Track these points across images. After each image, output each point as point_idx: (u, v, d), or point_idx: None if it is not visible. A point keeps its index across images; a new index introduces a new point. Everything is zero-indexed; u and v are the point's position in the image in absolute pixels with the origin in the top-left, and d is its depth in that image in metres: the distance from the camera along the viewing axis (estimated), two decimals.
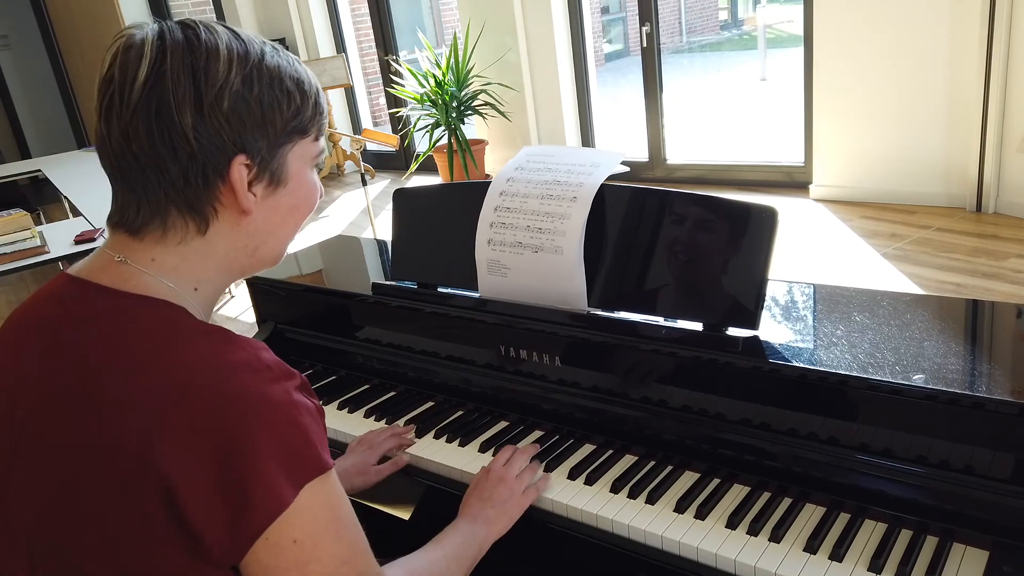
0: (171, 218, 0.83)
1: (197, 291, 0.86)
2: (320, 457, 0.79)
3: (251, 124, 0.82)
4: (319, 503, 0.78)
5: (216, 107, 0.79)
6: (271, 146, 0.84)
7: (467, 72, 5.79)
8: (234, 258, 0.88)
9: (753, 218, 1.19)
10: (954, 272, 3.52)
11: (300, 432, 0.77)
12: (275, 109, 0.83)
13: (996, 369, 1.08)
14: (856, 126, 4.44)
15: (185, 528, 0.74)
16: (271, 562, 0.76)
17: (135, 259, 0.83)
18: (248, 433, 0.74)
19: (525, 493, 1.20)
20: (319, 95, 0.89)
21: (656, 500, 1.17)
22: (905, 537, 1.04)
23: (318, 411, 0.82)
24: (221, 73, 0.79)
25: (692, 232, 1.25)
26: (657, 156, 5.50)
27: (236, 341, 0.81)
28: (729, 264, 1.21)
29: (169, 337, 0.79)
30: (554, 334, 1.35)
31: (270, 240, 0.90)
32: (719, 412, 1.21)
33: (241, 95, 0.80)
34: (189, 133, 0.79)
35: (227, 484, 0.73)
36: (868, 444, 1.09)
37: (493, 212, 1.38)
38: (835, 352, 1.15)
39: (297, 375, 0.82)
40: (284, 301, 1.81)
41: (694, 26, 14.59)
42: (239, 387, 0.75)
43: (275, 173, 0.86)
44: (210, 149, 0.80)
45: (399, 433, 1.41)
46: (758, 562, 1.03)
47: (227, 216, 0.85)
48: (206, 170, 0.81)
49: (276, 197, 0.87)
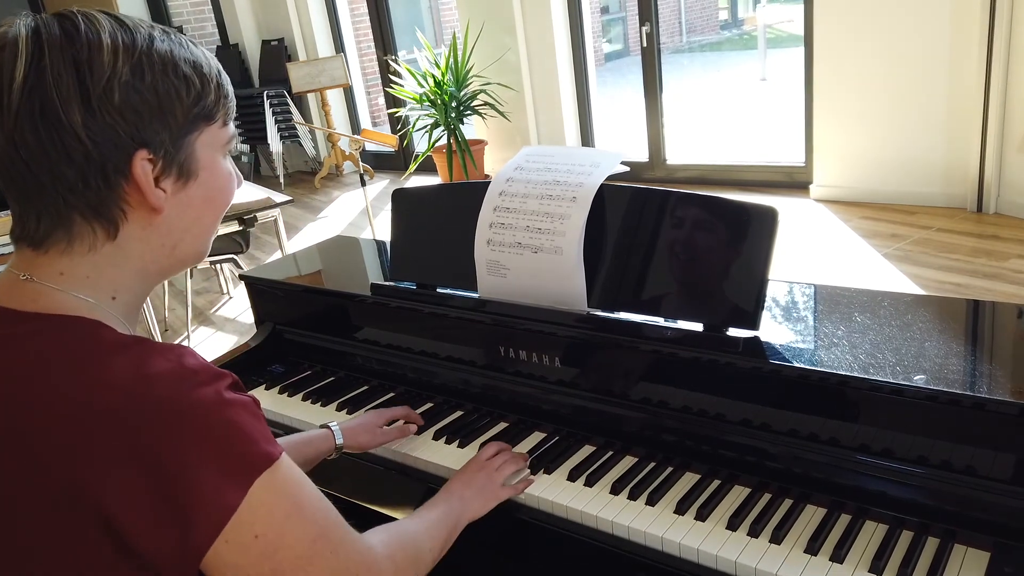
0: (75, 226, 0.78)
1: (115, 300, 0.82)
2: (263, 451, 0.76)
3: (148, 115, 0.76)
4: (274, 494, 0.76)
5: (106, 101, 0.74)
6: (174, 137, 0.79)
7: (466, 72, 5.79)
8: (152, 260, 0.83)
9: (753, 218, 1.18)
10: (955, 272, 3.52)
11: (237, 431, 0.75)
12: (173, 97, 0.78)
13: (997, 369, 1.08)
14: (856, 126, 4.44)
15: (132, 552, 0.72)
16: (238, 560, 0.74)
17: (41, 275, 0.78)
18: (177, 445, 0.71)
19: (504, 487, 1.22)
20: (221, 76, 0.84)
21: (656, 501, 1.16)
22: (906, 538, 1.03)
23: (254, 403, 0.79)
24: (107, 64, 0.74)
25: (692, 232, 1.25)
26: (657, 156, 5.49)
27: (158, 350, 0.76)
28: (729, 264, 1.20)
29: (85, 356, 0.75)
30: (554, 335, 1.34)
31: (188, 236, 0.85)
32: (719, 413, 1.21)
33: (132, 86, 0.75)
34: (80, 132, 0.73)
35: (165, 504, 0.71)
36: (869, 445, 1.09)
37: (492, 212, 1.38)
38: (836, 353, 1.14)
39: (227, 375, 0.78)
40: (283, 302, 1.81)
41: (694, 26, 14.60)
42: (164, 399, 0.72)
43: (183, 165, 0.81)
44: (106, 147, 0.75)
45: (406, 408, 1.45)
46: (759, 564, 1.03)
47: (137, 217, 0.80)
48: (105, 169, 0.76)
49: (188, 191, 0.82)
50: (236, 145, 0.88)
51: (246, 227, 3.50)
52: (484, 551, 1.32)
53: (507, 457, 1.27)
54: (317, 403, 1.60)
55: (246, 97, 7.06)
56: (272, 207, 3.52)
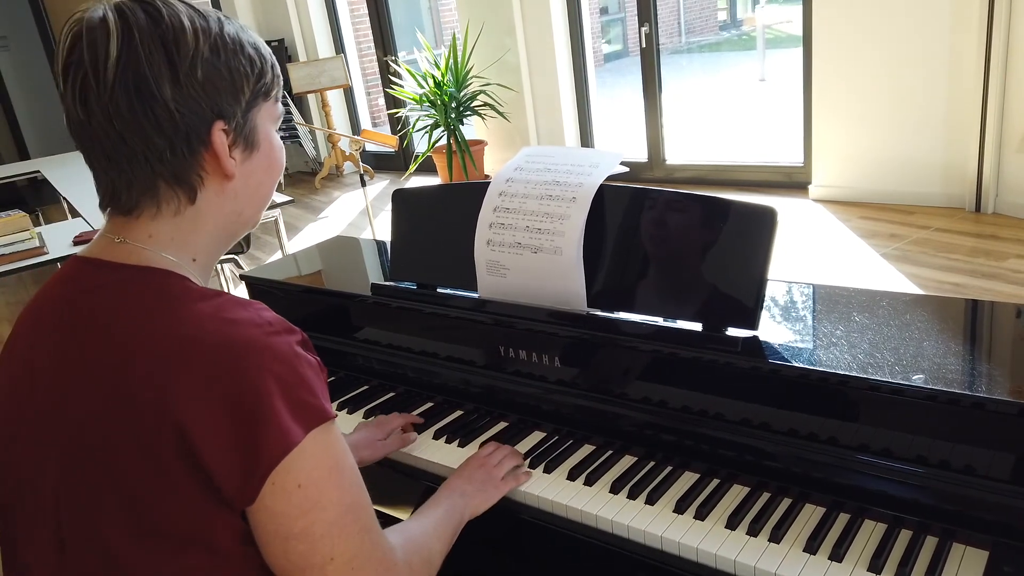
0: (161, 191, 0.86)
1: (195, 261, 0.90)
2: (323, 406, 0.82)
3: (224, 91, 0.85)
4: (323, 450, 0.81)
5: (192, 77, 0.82)
6: (243, 110, 0.88)
7: (466, 73, 5.79)
8: (223, 224, 0.92)
9: (752, 218, 1.19)
10: (953, 272, 3.52)
11: (303, 380, 0.81)
12: (242, 74, 0.86)
13: (996, 369, 1.08)
14: (855, 126, 4.44)
15: (201, 473, 0.78)
16: (278, 507, 0.79)
17: (133, 238, 0.87)
18: (257, 378, 0.78)
19: (504, 480, 1.23)
20: (274, 58, 0.92)
21: (656, 500, 1.17)
22: (905, 537, 1.04)
23: (320, 366, 0.85)
24: (191, 44, 0.82)
25: (691, 232, 1.25)
26: (656, 156, 5.50)
27: (239, 302, 0.85)
28: (728, 264, 1.21)
29: (175, 298, 0.83)
30: (553, 334, 1.35)
31: (252, 202, 0.94)
32: (719, 412, 1.21)
33: (212, 64, 0.83)
34: (170, 104, 0.81)
35: (239, 425, 0.77)
36: (868, 444, 1.09)
37: (492, 213, 1.38)
38: (835, 352, 1.14)
39: (299, 331, 0.85)
40: (283, 302, 1.81)
41: (693, 26, 14.60)
42: (245, 338, 0.79)
43: (248, 137, 0.89)
44: (191, 118, 0.83)
45: (403, 415, 1.45)
46: (758, 562, 1.03)
47: (212, 183, 0.88)
48: (190, 139, 0.84)
49: (253, 160, 0.91)
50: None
51: None
52: (484, 550, 1.32)
53: (506, 453, 1.28)
54: None
55: None
56: (273, 207, 3.53)
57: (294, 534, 0.80)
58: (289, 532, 0.80)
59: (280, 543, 0.81)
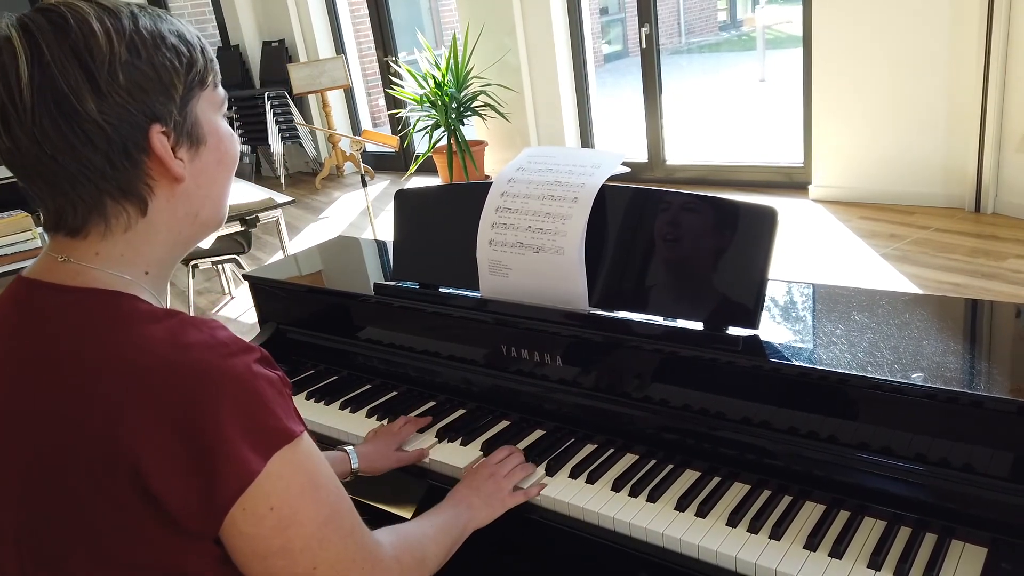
0: (108, 209, 0.81)
1: (148, 275, 0.85)
2: (285, 427, 0.78)
3: (152, 90, 0.79)
4: (292, 470, 0.78)
5: (114, 84, 0.76)
6: (179, 107, 0.82)
7: (466, 73, 5.80)
8: (179, 230, 0.87)
9: (753, 218, 1.20)
10: (953, 272, 3.53)
11: (261, 403, 0.77)
12: (169, 69, 0.80)
13: (995, 368, 1.09)
14: (855, 127, 4.45)
15: (157, 505, 0.75)
16: (252, 531, 0.77)
17: (78, 256, 0.82)
18: (209, 406, 0.74)
19: (512, 494, 1.21)
20: (202, 41, 0.86)
21: (657, 498, 1.18)
22: (904, 534, 1.04)
23: (281, 381, 0.81)
24: (104, 48, 0.76)
25: (692, 232, 1.26)
26: (656, 157, 5.50)
27: (192, 322, 0.80)
28: (729, 264, 1.21)
29: (124, 324, 0.79)
30: (555, 334, 1.36)
31: (208, 201, 0.88)
32: (720, 411, 1.22)
33: (133, 65, 0.77)
34: (97, 117, 0.76)
35: (193, 457, 0.74)
36: (867, 442, 1.10)
37: (494, 213, 1.39)
38: (834, 351, 1.15)
39: (257, 349, 0.81)
40: (285, 302, 1.82)
41: (693, 27, 14.60)
42: (198, 363, 0.75)
43: (191, 132, 0.84)
44: (123, 127, 0.78)
45: (414, 421, 1.45)
46: (758, 559, 1.04)
47: (161, 189, 0.83)
48: (128, 149, 0.79)
49: (201, 156, 0.86)
50: (224, 105, 0.91)
51: (248, 227, 3.52)
52: (486, 547, 1.33)
53: (517, 462, 1.27)
54: (320, 402, 1.61)
55: (247, 98, 7.07)
56: (273, 208, 3.53)
57: (272, 552, 0.78)
58: (267, 551, 0.78)
59: (259, 562, 0.78)
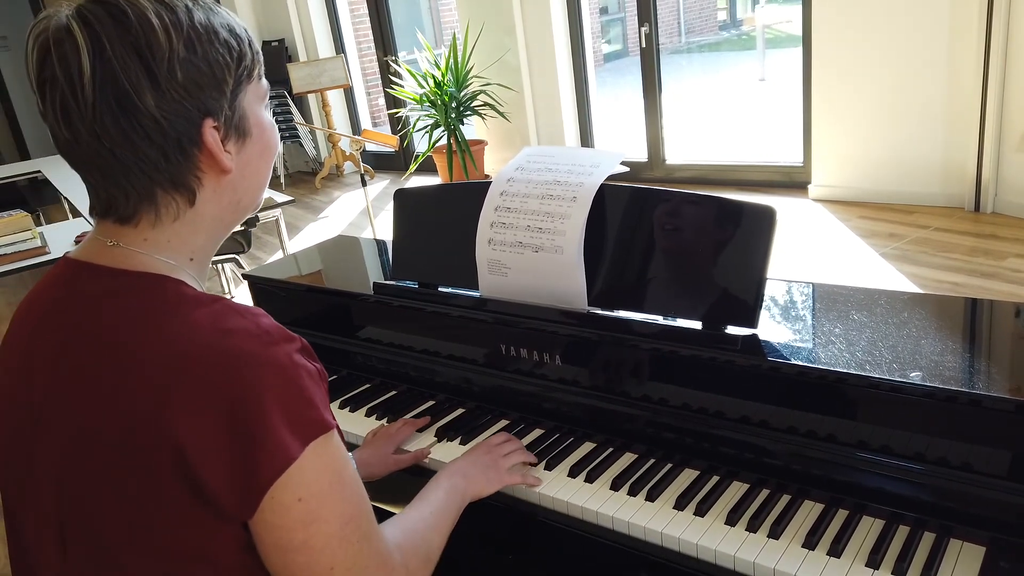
0: (160, 199, 0.83)
1: (193, 261, 0.88)
2: (323, 417, 0.80)
3: (207, 86, 0.81)
4: (323, 462, 0.80)
5: (172, 80, 0.78)
6: (230, 101, 0.84)
7: (466, 73, 5.80)
8: (221, 217, 0.89)
9: (752, 217, 1.20)
10: (952, 272, 3.53)
11: (301, 392, 0.79)
12: (221, 64, 0.82)
13: (994, 367, 1.09)
14: (855, 126, 4.45)
15: (198, 488, 0.76)
16: (277, 521, 0.78)
17: (127, 241, 0.84)
18: (253, 392, 0.76)
19: (510, 472, 1.23)
20: (249, 34, 0.88)
21: (656, 497, 1.18)
22: (902, 533, 1.05)
23: (319, 374, 0.83)
24: (164, 44, 0.78)
25: (691, 231, 1.26)
26: (656, 156, 5.51)
27: (236, 309, 0.82)
28: (728, 263, 1.21)
29: (171, 308, 0.81)
30: (554, 333, 1.36)
31: (251, 190, 0.91)
32: (718, 410, 1.22)
33: (190, 61, 0.79)
34: (155, 113, 0.78)
35: (236, 441, 0.75)
36: (866, 441, 1.10)
37: (494, 212, 1.39)
38: (833, 350, 1.15)
39: (298, 339, 0.83)
40: (285, 301, 1.82)
41: (693, 26, 14.60)
42: (241, 350, 0.77)
43: (240, 126, 0.86)
44: (179, 122, 0.80)
45: (412, 422, 1.45)
46: (757, 558, 1.04)
47: (209, 180, 0.85)
48: (182, 143, 0.81)
49: (247, 148, 0.88)
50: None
51: (248, 227, 3.52)
52: (484, 546, 1.33)
53: (516, 446, 1.29)
54: None
55: None
56: (273, 207, 3.54)
57: (294, 547, 0.79)
58: (289, 545, 0.79)
59: (280, 555, 0.80)
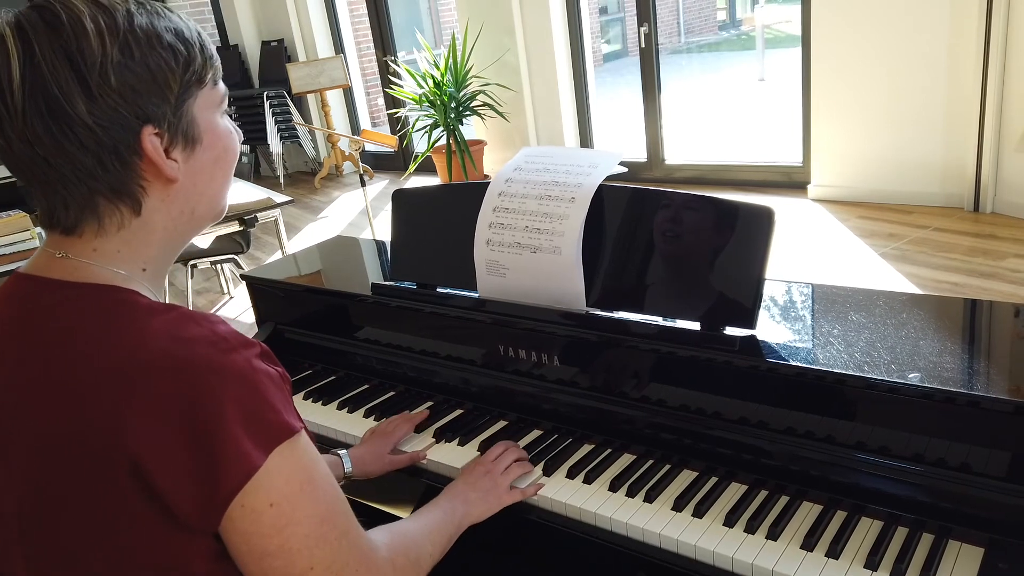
0: (102, 208, 0.81)
1: (145, 271, 0.86)
2: (286, 421, 0.79)
3: (145, 92, 0.78)
4: (291, 466, 0.79)
5: (104, 85, 0.76)
6: (174, 107, 0.81)
7: (465, 73, 5.80)
8: (174, 228, 0.87)
9: (750, 218, 1.20)
10: (952, 272, 3.53)
11: (263, 398, 0.78)
12: (164, 69, 0.79)
13: (993, 368, 1.08)
14: (854, 126, 4.45)
15: (158, 499, 0.75)
16: (250, 527, 0.77)
17: (76, 253, 0.82)
18: (212, 401, 0.74)
19: (509, 492, 1.21)
20: (202, 37, 0.84)
21: (654, 498, 1.18)
22: (901, 534, 1.04)
23: (281, 377, 0.82)
24: (96, 49, 0.75)
25: (689, 232, 1.26)
26: (655, 156, 5.50)
27: (192, 317, 0.80)
28: (726, 264, 1.21)
29: (126, 319, 0.79)
30: (553, 334, 1.35)
31: (204, 199, 0.88)
32: (717, 411, 1.22)
33: (125, 65, 0.76)
34: (87, 120, 0.76)
35: (194, 452, 0.74)
36: (864, 442, 1.10)
37: (492, 213, 1.39)
38: (832, 351, 1.15)
39: (257, 344, 0.81)
40: (283, 302, 1.82)
41: (692, 26, 14.61)
42: (199, 358, 0.75)
43: (187, 133, 0.83)
44: (114, 129, 0.77)
45: (409, 418, 1.44)
46: (755, 559, 1.04)
47: (155, 189, 0.83)
48: (118, 150, 0.78)
49: (196, 156, 0.85)
50: (225, 102, 0.89)
51: (246, 227, 3.52)
52: (481, 547, 1.33)
53: (514, 457, 1.27)
54: (318, 402, 1.61)
55: (246, 98, 7.07)
56: (272, 207, 3.53)
57: (270, 552, 0.78)
58: (264, 551, 0.78)
59: (256, 561, 0.79)
